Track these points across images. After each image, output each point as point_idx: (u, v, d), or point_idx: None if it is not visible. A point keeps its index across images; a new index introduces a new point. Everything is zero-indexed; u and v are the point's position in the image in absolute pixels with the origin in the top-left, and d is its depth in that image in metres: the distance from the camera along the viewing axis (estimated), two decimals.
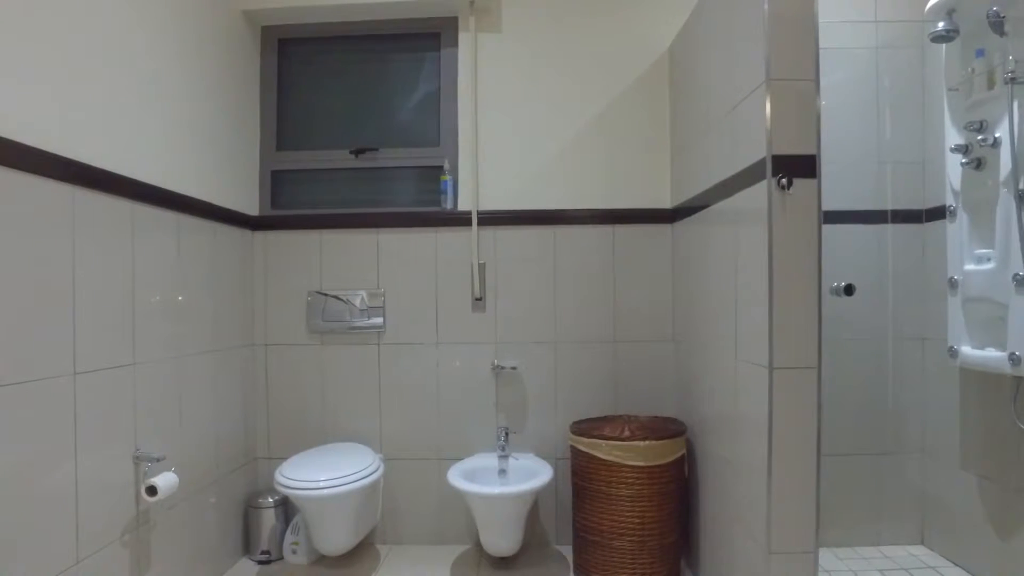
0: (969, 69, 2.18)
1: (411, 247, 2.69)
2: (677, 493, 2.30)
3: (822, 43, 2.49)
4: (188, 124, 2.20)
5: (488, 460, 2.56)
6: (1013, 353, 2.04)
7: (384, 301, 2.70)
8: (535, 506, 2.66)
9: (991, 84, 2.09)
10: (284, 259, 2.71)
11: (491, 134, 2.69)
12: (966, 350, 2.26)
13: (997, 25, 1.95)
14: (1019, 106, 1.98)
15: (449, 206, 2.68)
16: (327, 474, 2.23)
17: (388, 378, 2.70)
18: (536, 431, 2.68)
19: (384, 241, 2.69)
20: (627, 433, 2.25)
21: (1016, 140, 1.99)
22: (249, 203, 2.68)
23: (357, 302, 2.70)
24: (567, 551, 2.57)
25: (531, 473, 2.40)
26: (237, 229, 2.56)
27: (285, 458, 2.44)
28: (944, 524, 2.53)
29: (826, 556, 2.55)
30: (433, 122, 2.75)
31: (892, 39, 2.58)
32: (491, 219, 2.67)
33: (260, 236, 2.71)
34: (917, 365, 2.61)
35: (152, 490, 1.82)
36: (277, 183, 2.79)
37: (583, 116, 2.70)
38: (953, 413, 2.45)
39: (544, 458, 2.59)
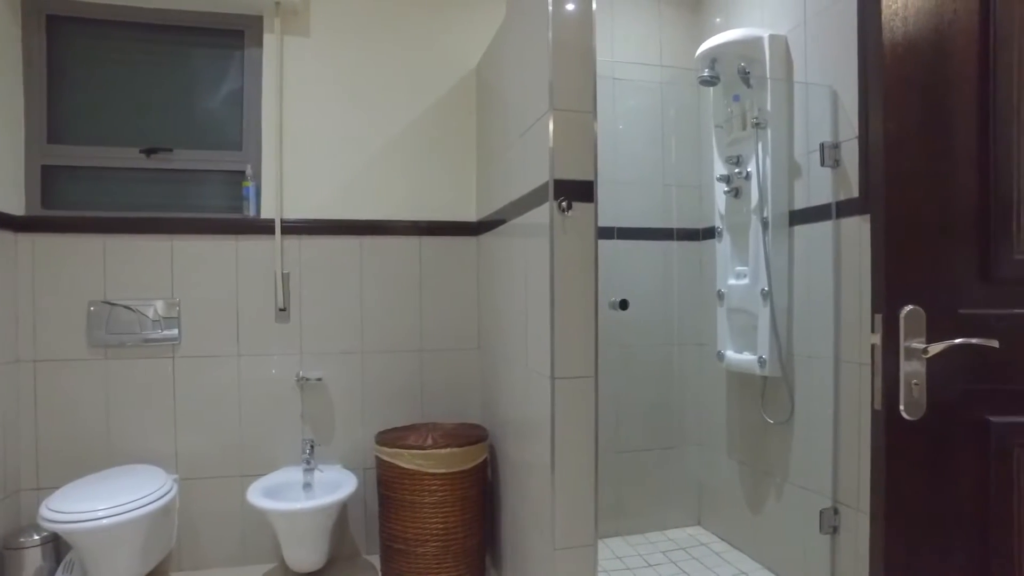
0: (729, 110, 2.51)
1: (210, 255, 2.54)
2: (480, 497, 2.40)
3: (617, 75, 2.74)
4: None
5: (293, 474, 2.49)
6: (761, 356, 2.38)
7: (180, 311, 2.52)
8: (344, 517, 2.63)
9: (744, 125, 2.42)
10: (58, 265, 2.43)
11: (297, 140, 2.62)
12: (730, 354, 2.60)
13: (745, 78, 2.27)
14: (763, 147, 2.31)
15: (252, 213, 2.56)
16: (107, 502, 2.04)
17: (185, 393, 2.52)
18: (344, 442, 2.65)
19: (180, 248, 2.51)
20: (430, 442, 2.30)
21: (760, 175, 2.32)
22: (12, 201, 2.37)
23: (150, 313, 2.49)
24: (377, 560, 2.57)
25: (337, 485, 2.37)
26: None
27: (58, 488, 2.19)
28: (715, 506, 2.88)
29: (619, 544, 2.79)
30: (235, 125, 2.61)
31: (675, 77, 2.88)
32: (296, 228, 2.60)
33: (27, 239, 2.40)
34: (696, 367, 2.94)
35: None
36: (49, 180, 2.49)
37: (393, 127, 2.71)
38: (722, 409, 2.80)
39: (352, 469, 2.57)
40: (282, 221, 2.58)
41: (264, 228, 2.57)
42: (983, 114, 1.11)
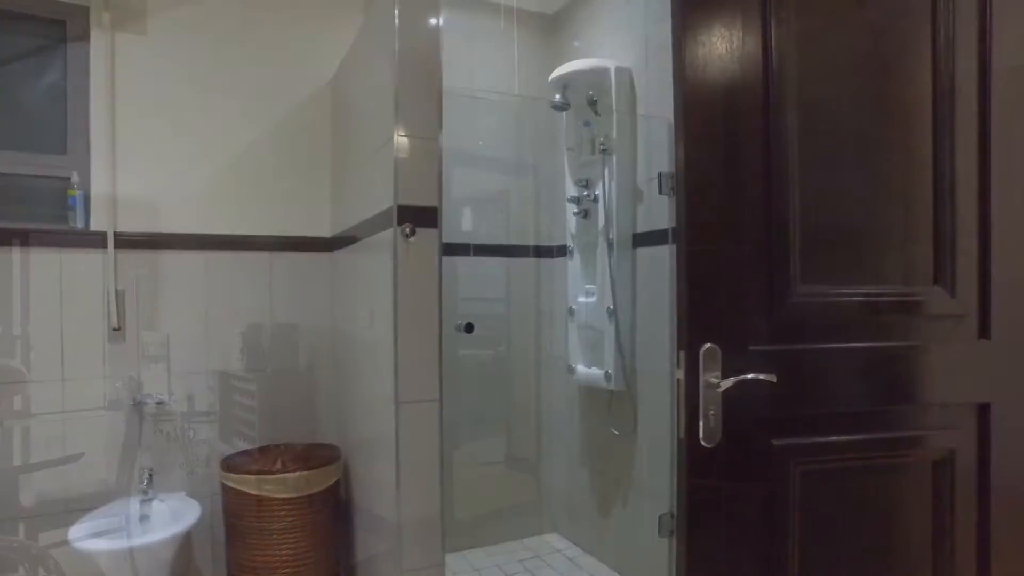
0: (580, 135, 2.62)
1: (27, 270, 2.29)
2: (332, 519, 2.34)
3: (477, 93, 2.78)
4: None
5: (129, 507, 2.31)
6: (607, 371, 2.50)
7: None
8: (189, 548, 2.47)
9: (593, 150, 2.54)
10: None
11: (134, 147, 2.41)
12: (580, 368, 2.71)
13: (593, 106, 2.38)
14: (609, 172, 2.44)
15: (79, 225, 2.34)
16: None
17: None
18: (189, 469, 2.50)
19: None
20: (279, 465, 2.23)
21: (607, 198, 2.44)
22: None
23: None
24: None
25: (178, 516, 2.23)
26: None
27: None
28: (569, 513, 3.00)
29: (478, 555, 2.84)
30: (58, 126, 2.37)
31: (532, 99, 2.96)
32: (132, 241, 2.40)
33: None
34: (551, 381, 3.04)
35: None
36: None
37: (244, 138, 2.58)
38: (575, 421, 2.92)
39: (199, 496, 2.42)
40: (116, 234, 2.37)
41: (94, 241, 2.35)
42: (766, 168, 1.24)
